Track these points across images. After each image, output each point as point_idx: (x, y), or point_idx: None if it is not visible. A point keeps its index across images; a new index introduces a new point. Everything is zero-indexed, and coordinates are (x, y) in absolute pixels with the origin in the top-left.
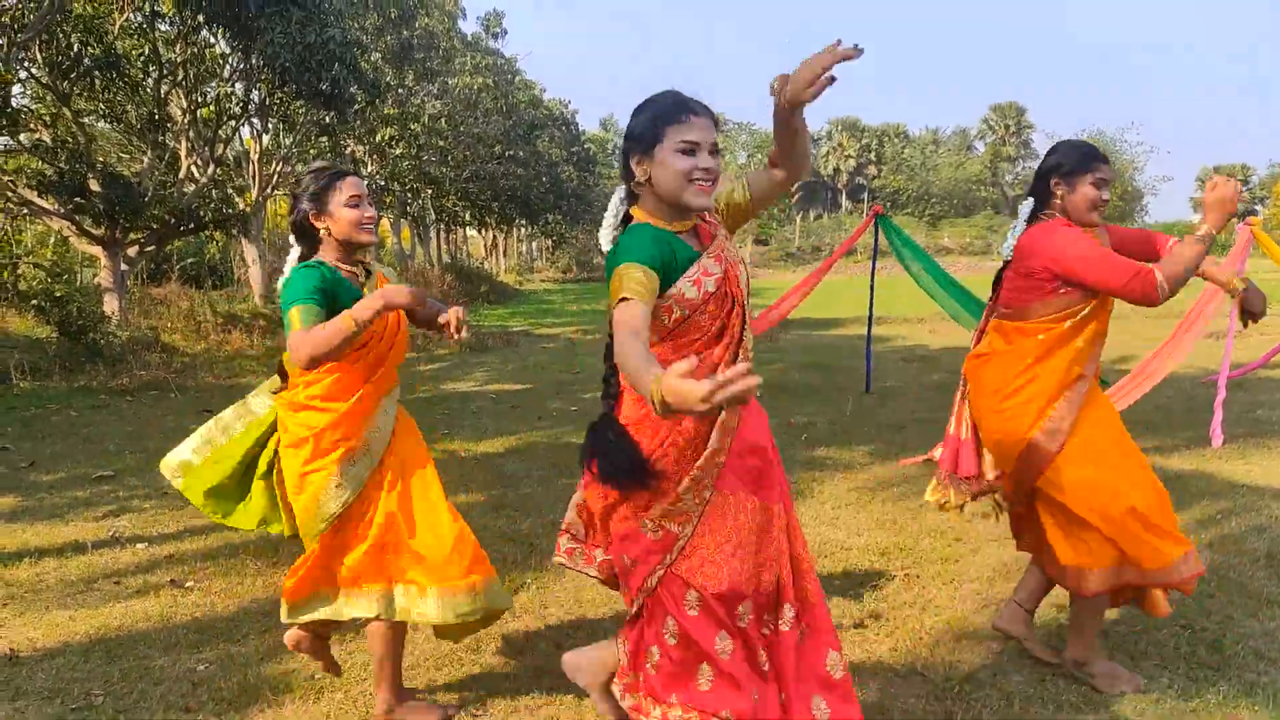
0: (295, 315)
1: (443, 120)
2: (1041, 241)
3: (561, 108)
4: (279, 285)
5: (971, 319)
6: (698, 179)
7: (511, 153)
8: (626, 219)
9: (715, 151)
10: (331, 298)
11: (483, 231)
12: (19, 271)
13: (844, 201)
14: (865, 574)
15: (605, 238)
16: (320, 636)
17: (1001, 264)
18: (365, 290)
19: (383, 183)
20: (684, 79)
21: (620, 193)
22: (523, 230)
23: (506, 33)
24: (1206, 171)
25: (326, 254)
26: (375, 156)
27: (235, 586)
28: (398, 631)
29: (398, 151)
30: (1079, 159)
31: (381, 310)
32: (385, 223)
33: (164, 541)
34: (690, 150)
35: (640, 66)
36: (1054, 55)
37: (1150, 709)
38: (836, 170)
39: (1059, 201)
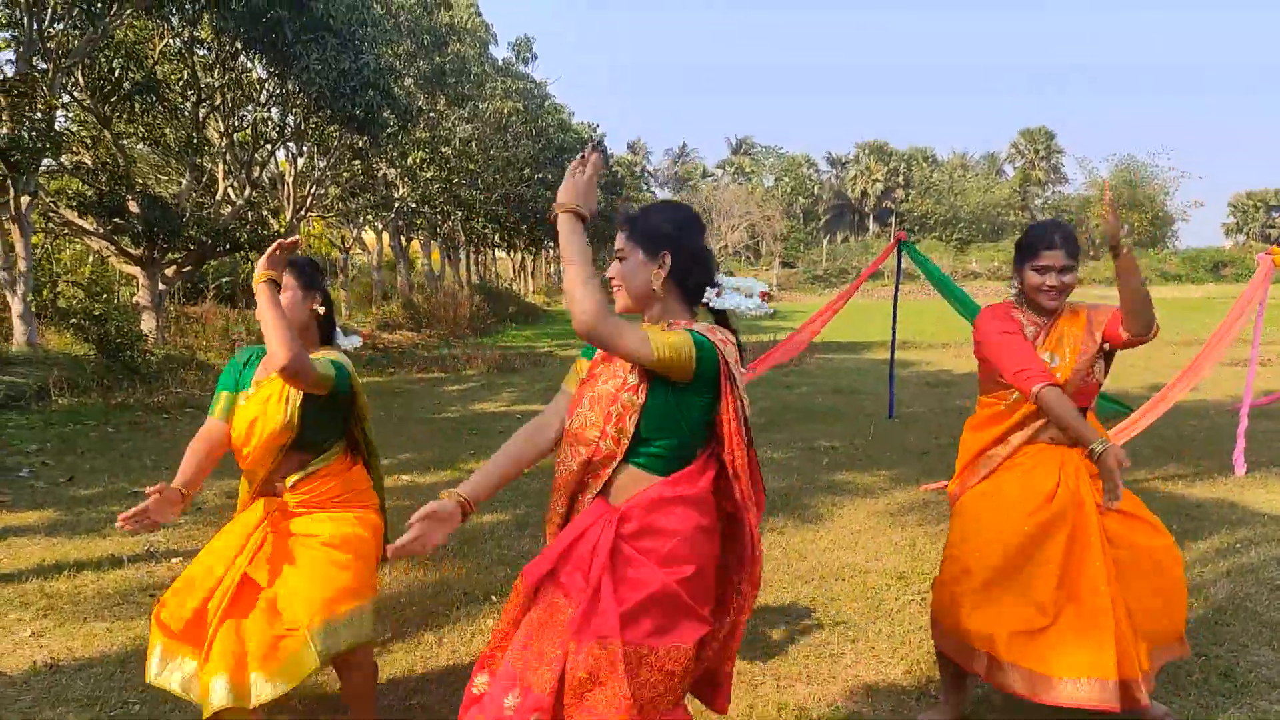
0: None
1: (473, 144)
2: (977, 322)
3: (590, 131)
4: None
5: None
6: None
7: (540, 175)
8: None
9: (620, 260)
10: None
11: (511, 253)
12: (58, 289)
13: (871, 225)
14: (882, 598)
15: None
16: None
17: None
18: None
19: (414, 205)
20: (709, 99)
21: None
22: (551, 252)
23: (536, 58)
24: (1239, 198)
25: None
26: (406, 179)
27: None
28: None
29: (429, 174)
30: (1020, 248)
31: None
32: (415, 244)
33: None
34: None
35: (670, 90)
36: (1085, 78)
37: None
38: (864, 194)
39: (1019, 287)
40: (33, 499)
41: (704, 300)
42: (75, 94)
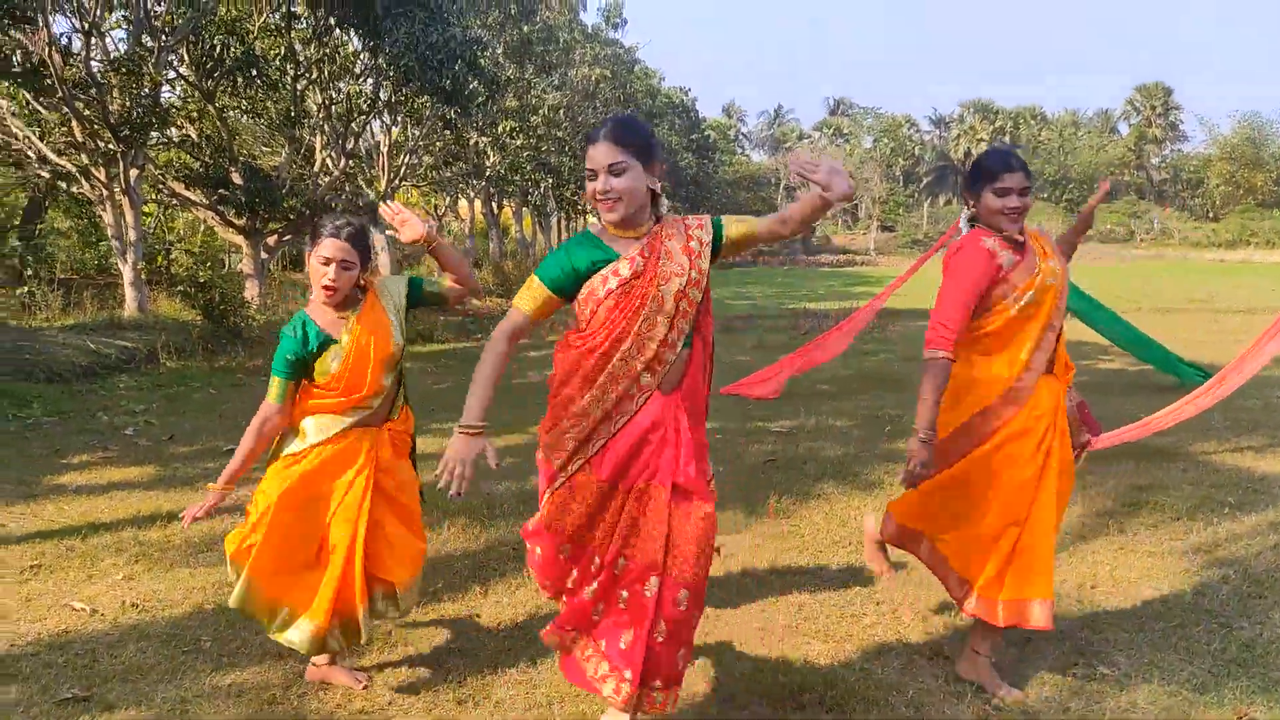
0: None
1: (561, 111)
2: (958, 252)
3: (681, 95)
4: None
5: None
6: (599, 200)
7: None
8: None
9: (618, 173)
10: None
11: None
12: (171, 256)
13: None
14: (915, 565)
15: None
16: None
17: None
18: (342, 333)
19: (503, 172)
20: (803, 63)
21: None
22: None
23: (626, 22)
24: None
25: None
26: (496, 148)
27: None
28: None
29: (518, 143)
30: (979, 169)
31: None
32: (508, 211)
33: None
34: (591, 176)
35: (765, 51)
36: (1207, 32)
37: (1162, 698)
38: (967, 154)
39: (974, 211)
40: (136, 455)
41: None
42: (180, 70)
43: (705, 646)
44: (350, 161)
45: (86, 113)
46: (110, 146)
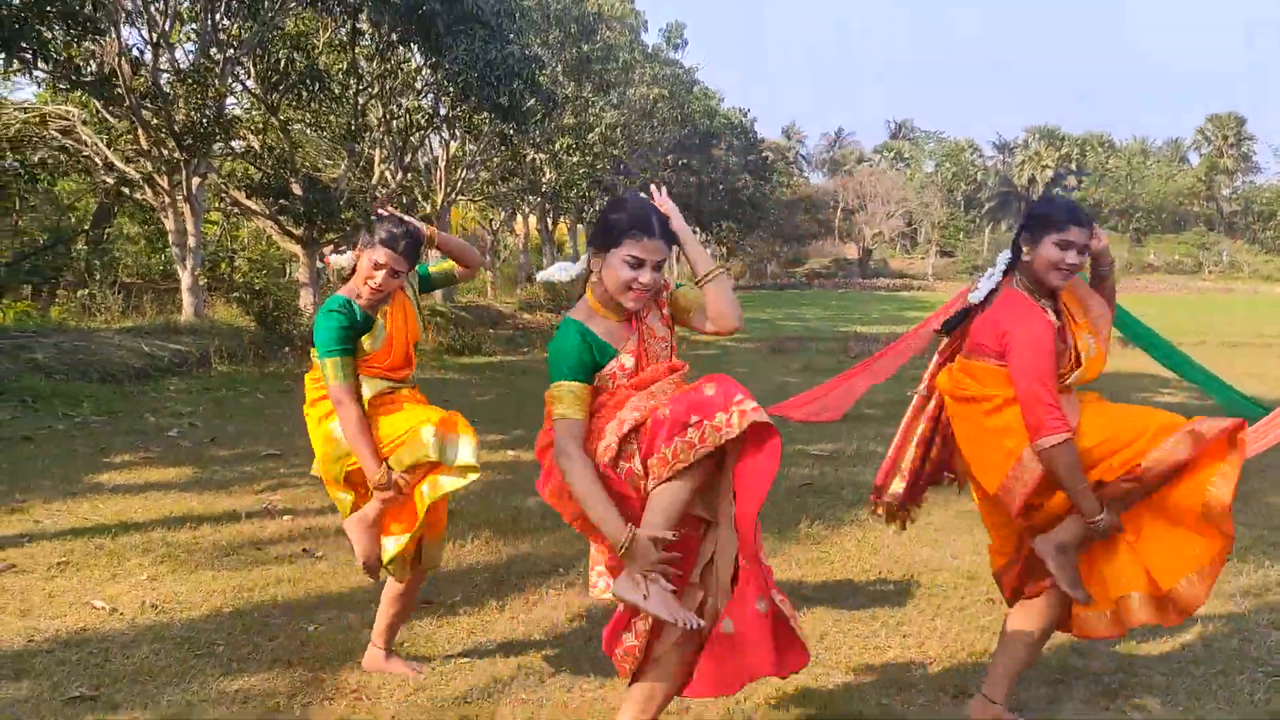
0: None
1: (618, 130)
2: (1007, 324)
3: (740, 116)
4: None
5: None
6: (634, 290)
7: (685, 161)
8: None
9: (658, 268)
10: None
11: None
12: (235, 264)
13: None
14: (947, 595)
15: (555, 274)
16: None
17: (966, 307)
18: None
19: (558, 189)
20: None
21: (584, 261)
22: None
23: (687, 43)
24: None
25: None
26: (552, 164)
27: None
28: (410, 591)
29: (574, 160)
30: (1043, 217)
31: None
32: (562, 227)
33: (308, 515)
34: (637, 264)
35: (827, 74)
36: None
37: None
38: (1031, 180)
39: (1027, 259)
40: (176, 456)
41: None
42: (247, 83)
43: None
44: (408, 175)
45: (154, 122)
46: (174, 155)
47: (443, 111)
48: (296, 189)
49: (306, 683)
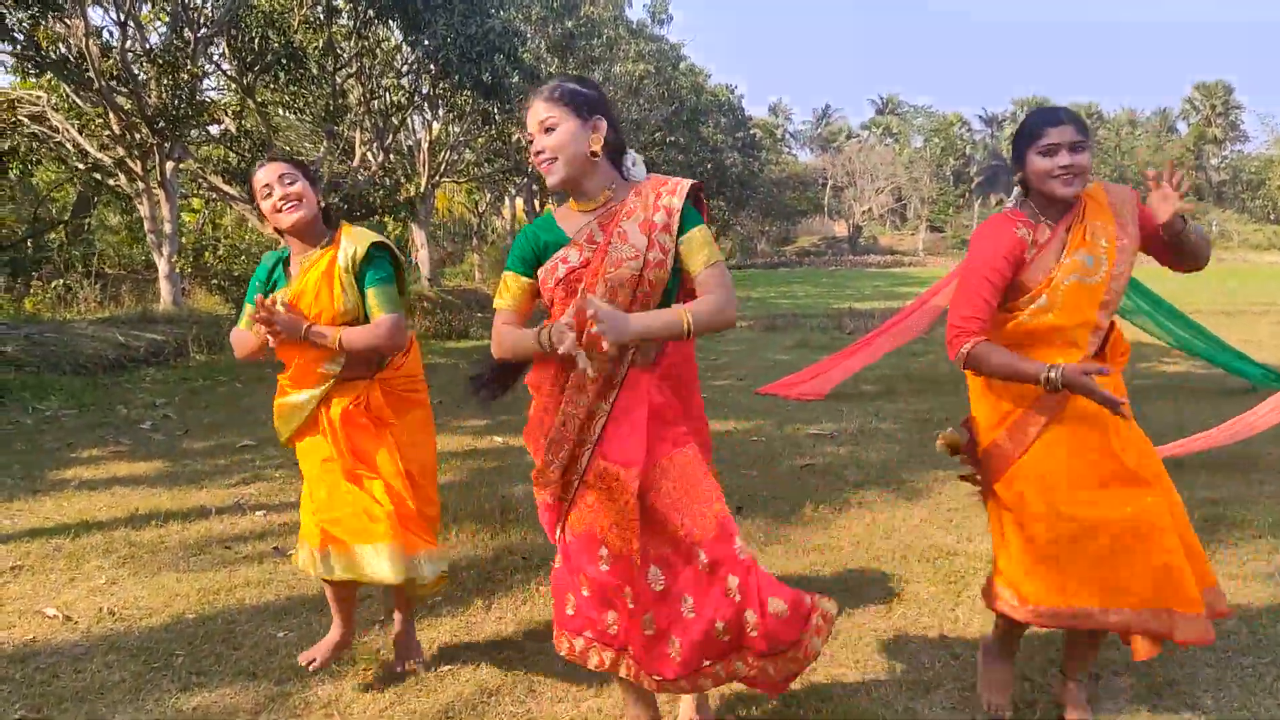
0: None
1: None
2: (977, 233)
3: (727, 93)
4: None
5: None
6: (538, 163)
7: (673, 139)
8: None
9: (549, 129)
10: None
11: None
12: (219, 253)
13: None
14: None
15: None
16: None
17: None
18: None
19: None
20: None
21: None
22: None
23: (672, 19)
24: None
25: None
26: None
27: None
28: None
29: None
30: (1020, 136)
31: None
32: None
33: (283, 510)
34: (530, 141)
35: (813, 49)
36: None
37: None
38: None
39: (1028, 180)
40: (147, 450)
41: (625, 167)
42: (221, 65)
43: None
44: (390, 157)
45: (126, 106)
46: (148, 139)
47: (424, 90)
48: None
49: (272, 697)
